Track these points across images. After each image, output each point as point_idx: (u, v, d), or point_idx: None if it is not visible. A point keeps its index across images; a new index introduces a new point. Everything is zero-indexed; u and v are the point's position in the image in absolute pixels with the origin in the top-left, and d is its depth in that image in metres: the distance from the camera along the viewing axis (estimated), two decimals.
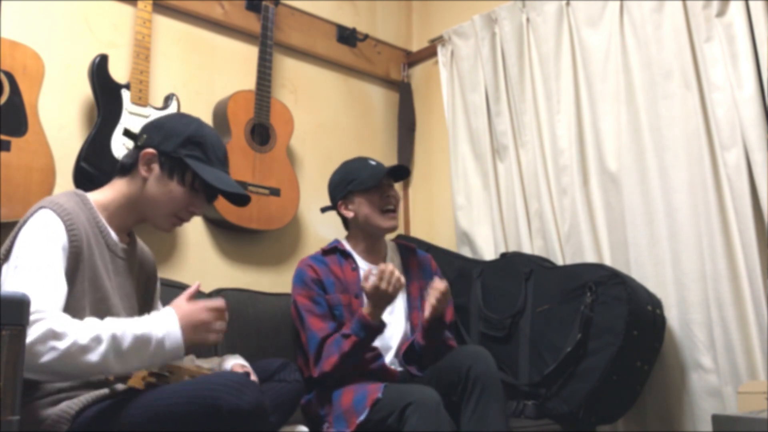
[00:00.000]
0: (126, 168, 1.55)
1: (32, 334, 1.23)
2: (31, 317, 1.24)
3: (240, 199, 1.62)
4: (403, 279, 1.81)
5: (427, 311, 1.91)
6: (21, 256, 1.35)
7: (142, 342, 1.31)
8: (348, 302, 1.98)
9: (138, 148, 1.54)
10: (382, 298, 1.80)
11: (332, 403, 1.85)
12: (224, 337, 2.12)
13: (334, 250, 2.11)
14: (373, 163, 2.11)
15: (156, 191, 1.52)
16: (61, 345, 1.24)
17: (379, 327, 1.84)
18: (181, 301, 1.42)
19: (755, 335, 1.99)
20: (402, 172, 2.13)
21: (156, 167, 1.52)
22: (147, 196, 1.52)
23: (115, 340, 1.29)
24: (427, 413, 1.62)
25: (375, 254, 2.12)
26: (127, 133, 1.58)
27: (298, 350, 2.01)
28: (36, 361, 1.23)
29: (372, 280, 1.78)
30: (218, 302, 1.44)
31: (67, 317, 1.31)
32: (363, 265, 2.08)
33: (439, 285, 1.91)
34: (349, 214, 2.09)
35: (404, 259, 2.18)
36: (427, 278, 2.11)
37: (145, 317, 1.37)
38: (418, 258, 2.20)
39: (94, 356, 1.27)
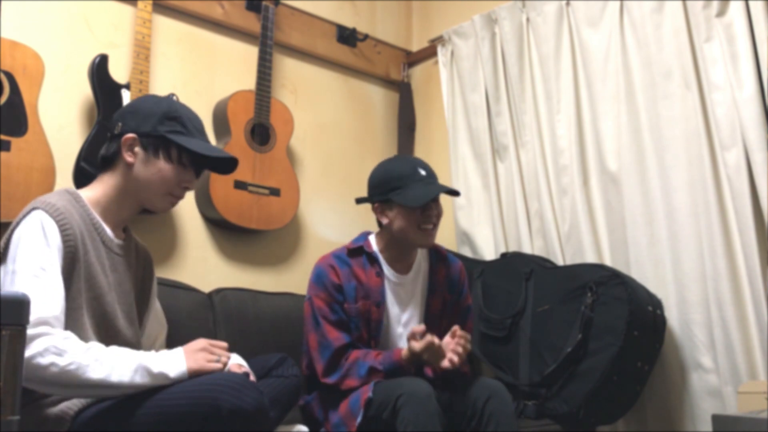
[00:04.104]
0: (108, 160, 1.54)
1: (35, 347, 1.25)
2: (38, 329, 1.26)
3: (228, 164, 1.61)
4: (443, 350, 1.77)
5: (445, 364, 1.76)
6: (17, 261, 1.35)
7: (144, 372, 1.33)
8: (367, 309, 1.89)
9: (116, 137, 1.53)
10: (420, 359, 1.79)
11: (331, 408, 1.85)
12: (224, 337, 2.14)
13: (360, 251, 1.96)
14: (423, 173, 1.89)
15: (145, 174, 1.51)
16: (61, 362, 1.26)
17: (410, 370, 1.81)
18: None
19: (755, 335, 1.99)
20: (453, 193, 1.95)
21: (139, 150, 1.51)
22: (138, 181, 1.52)
23: (117, 365, 1.31)
24: (418, 403, 1.62)
25: (403, 262, 1.98)
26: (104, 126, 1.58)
27: (304, 352, 1.97)
28: (35, 374, 1.25)
29: (416, 347, 1.74)
30: (221, 342, 1.49)
31: (74, 337, 1.32)
32: (388, 272, 1.95)
33: (460, 339, 1.77)
34: (384, 220, 1.92)
35: (432, 267, 2.02)
36: (453, 291, 2.02)
37: (152, 353, 1.39)
38: (447, 267, 2.04)
39: (94, 374, 1.28)
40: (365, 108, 3.08)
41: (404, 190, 1.85)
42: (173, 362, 1.36)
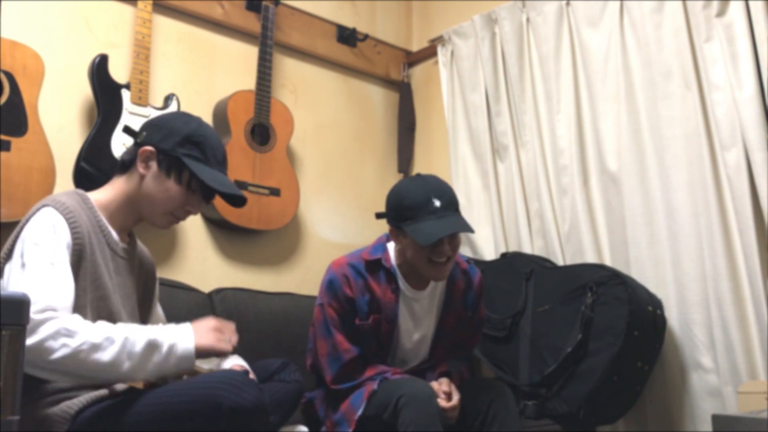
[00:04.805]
0: (125, 165, 1.55)
1: (45, 330, 1.24)
2: (44, 315, 1.26)
3: (236, 200, 1.60)
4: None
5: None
6: (27, 254, 1.35)
7: (154, 345, 1.32)
8: (377, 323, 1.86)
9: (137, 145, 1.54)
10: None
11: (333, 406, 1.85)
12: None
13: (378, 265, 1.89)
14: (437, 204, 1.77)
15: (153, 189, 1.52)
16: (73, 342, 1.26)
17: None
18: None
19: (755, 335, 1.98)
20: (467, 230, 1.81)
21: (154, 165, 1.51)
22: (144, 194, 1.52)
23: (127, 342, 1.30)
24: (419, 405, 1.62)
25: (420, 277, 1.90)
26: (127, 130, 1.58)
27: (309, 350, 1.96)
28: (47, 358, 1.24)
29: (443, 405, 1.74)
30: (230, 322, 1.49)
31: (79, 318, 1.32)
32: (404, 288, 1.90)
33: (452, 408, 1.76)
34: (398, 246, 1.88)
35: (451, 282, 1.96)
36: (468, 307, 1.98)
37: (160, 326, 1.39)
38: (466, 281, 1.98)
39: (105, 355, 1.28)
40: (365, 108, 3.08)
41: (415, 223, 1.76)
42: (182, 337, 1.36)
